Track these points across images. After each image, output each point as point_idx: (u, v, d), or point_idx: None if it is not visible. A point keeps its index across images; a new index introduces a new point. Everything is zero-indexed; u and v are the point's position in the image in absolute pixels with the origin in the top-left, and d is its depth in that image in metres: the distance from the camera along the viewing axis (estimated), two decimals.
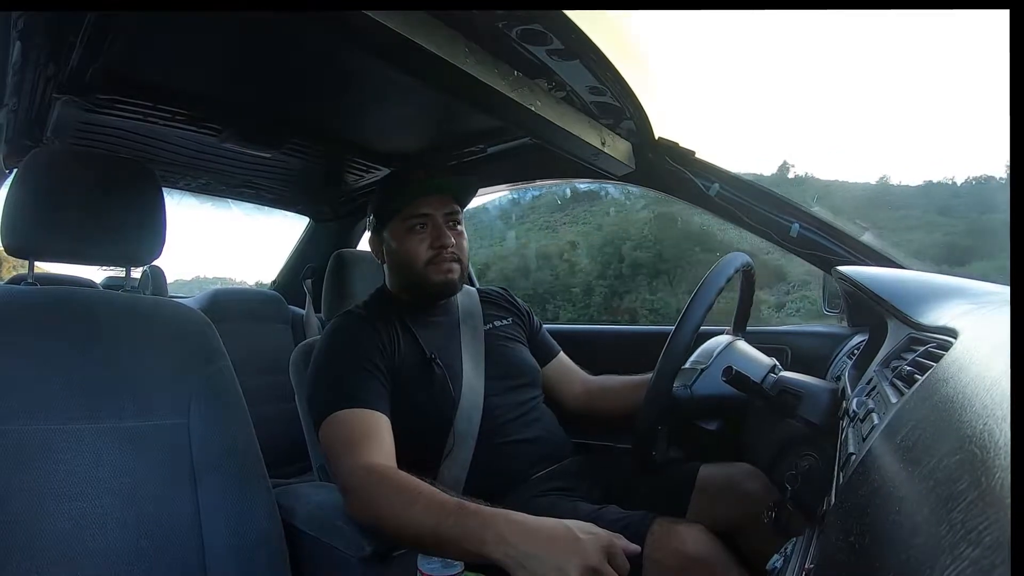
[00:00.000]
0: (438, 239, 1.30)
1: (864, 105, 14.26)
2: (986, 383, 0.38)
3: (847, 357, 1.30)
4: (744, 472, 1.21)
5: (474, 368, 1.33)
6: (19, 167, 1.01)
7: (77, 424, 0.90)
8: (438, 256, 1.30)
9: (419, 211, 1.30)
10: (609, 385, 1.51)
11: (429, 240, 1.30)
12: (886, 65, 16.11)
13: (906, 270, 1.44)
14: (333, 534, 1.00)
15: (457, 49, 1.02)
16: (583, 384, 1.55)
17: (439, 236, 1.30)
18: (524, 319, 1.55)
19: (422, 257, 1.30)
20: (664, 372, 1.02)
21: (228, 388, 1.03)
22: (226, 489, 0.98)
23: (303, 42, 1.21)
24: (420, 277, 1.31)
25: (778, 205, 1.55)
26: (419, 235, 1.30)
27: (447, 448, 1.25)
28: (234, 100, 1.52)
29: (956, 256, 4.99)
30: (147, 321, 1.01)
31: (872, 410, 0.62)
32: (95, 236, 1.05)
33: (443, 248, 1.30)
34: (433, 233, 1.30)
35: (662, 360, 1.02)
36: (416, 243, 1.30)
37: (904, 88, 15.37)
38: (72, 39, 1.09)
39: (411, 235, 1.30)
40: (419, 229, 1.30)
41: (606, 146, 1.47)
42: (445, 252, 1.30)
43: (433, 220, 1.31)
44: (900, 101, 15.33)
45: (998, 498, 0.24)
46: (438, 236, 1.30)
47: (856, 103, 14.88)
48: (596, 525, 1.07)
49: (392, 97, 1.50)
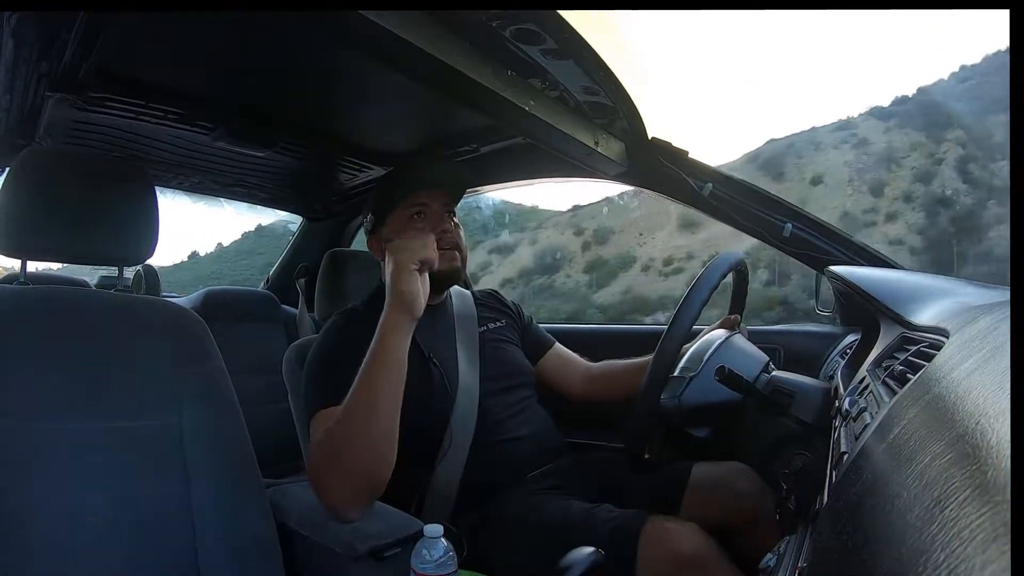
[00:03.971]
0: (438, 225, 1.30)
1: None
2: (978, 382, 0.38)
3: (840, 356, 1.30)
4: (737, 471, 1.21)
5: (470, 369, 1.34)
6: (11, 166, 1.00)
7: (69, 424, 0.90)
8: (439, 242, 1.28)
9: (418, 200, 1.31)
10: (612, 370, 1.51)
11: (429, 228, 1.29)
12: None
13: (899, 270, 1.45)
14: (326, 534, 0.99)
15: (451, 48, 1.02)
16: (585, 371, 1.55)
17: (439, 222, 1.30)
18: (515, 319, 1.56)
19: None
20: (654, 378, 1.02)
21: (221, 388, 1.03)
22: (219, 488, 0.97)
23: (296, 41, 1.21)
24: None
25: (771, 205, 1.56)
26: (418, 224, 1.30)
27: (443, 448, 1.25)
28: (227, 99, 1.51)
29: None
30: (140, 321, 1.01)
31: (864, 409, 0.63)
32: (87, 235, 1.04)
33: (444, 233, 1.30)
34: (433, 220, 1.30)
35: (652, 365, 1.02)
36: (416, 232, 1.29)
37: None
38: (65, 37, 1.08)
39: (411, 224, 1.31)
40: (418, 218, 1.31)
41: (599, 146, 1.48)
42: (446, 237, 1.30)
43: (431, 209, 1.31)
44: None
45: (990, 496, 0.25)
46: (438, 222, 1.30)
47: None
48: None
49: (385, 96, 1.50)
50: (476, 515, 1.21)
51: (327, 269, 1.82)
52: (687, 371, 1.10)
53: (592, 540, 0.91)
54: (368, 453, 1.01)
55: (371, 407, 1.03)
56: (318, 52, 1.25)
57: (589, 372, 1.55)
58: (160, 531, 0.92)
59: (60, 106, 1.35)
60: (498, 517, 1.19)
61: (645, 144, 1.58)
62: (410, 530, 1.01)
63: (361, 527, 0.99)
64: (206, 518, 0.95)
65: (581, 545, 0.86)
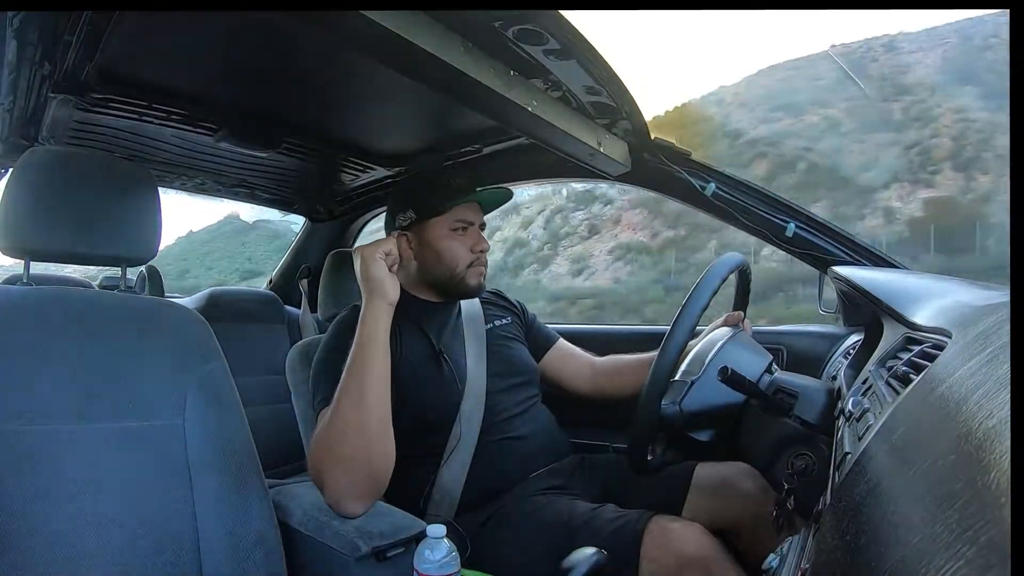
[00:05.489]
0: (478, 245, 1.35)
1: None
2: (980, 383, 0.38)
3: (843, 357, 1.30)
4: (740, 471, 1.21)
5: (477, 365, 1.35)
6: (14, 167, 1.01)
7: (72, 424, 0.90)
8: (477, 261, 1.35)
9: (465, 217, 1.34)
10: (618, 365, 1.51)
11: (470, 244, 1.34)
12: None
13: (902, 270, 1.44)
14: (329, 534, 1.00)
15: (453, 48, 1.02)
16: (591, 366, 1.55)
17: (479, 242, 1.36)
18: (520, 316, 1.56)
19: (465, 260, 1.34)
20: (654, 385, 1.01)
21: (224, 388, 1.03)
22: (222, 489, 0.97)
23: (299, 41, 1.20)
24: (458, 277, 1.35)
25: (774, 205, 1.56)
26: (460, 238, 1.34)
27: (450, 445, 1.26)
28: (230, 100, 1.51)
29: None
30: (143, 321, 1.01)
31: (868, 410, 0.63)
32: (91, 236, 1.05)
33: (482, 253, 1.36)
34: (473, 238, 1.35)
35: (653, 370, 1.02)
36: (459, 245, 1.34)
37: None
38: (68, 38, 1.09)
39: (453, 236, 1.34)
40: (461, 233, 1.34)
41: (602, 146, 1.47)
42: (482, 257, 1.36)
43: (473, 227, 1.36)
44: None
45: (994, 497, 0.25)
46: (478, 242, 1.35)
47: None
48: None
49: (388, 97, 1.50)
50: (480, 515, 1.21)
51: (330, 270, 1.82)
52: (689, 375, 1.09)
53: (595, 540, 0.92)
54: (361, 440, 1.02)
55: (360, 394, 1.05)
56: (321, 53, 1.25)
57: (595, 367, 1.55)
58: (163, 531, 0.92)
59: (63, 107, 1.35)
60: (501, 517, 1.20)
61: (648, 144, 1.58)
62: (413, 530, 1.01)
63: (364, 527, 0.99)
64: (209, 518, 0.95)
65: (584, 545, 0.86)
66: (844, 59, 23.48)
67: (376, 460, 1.03)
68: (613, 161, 1.54)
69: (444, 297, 1.39)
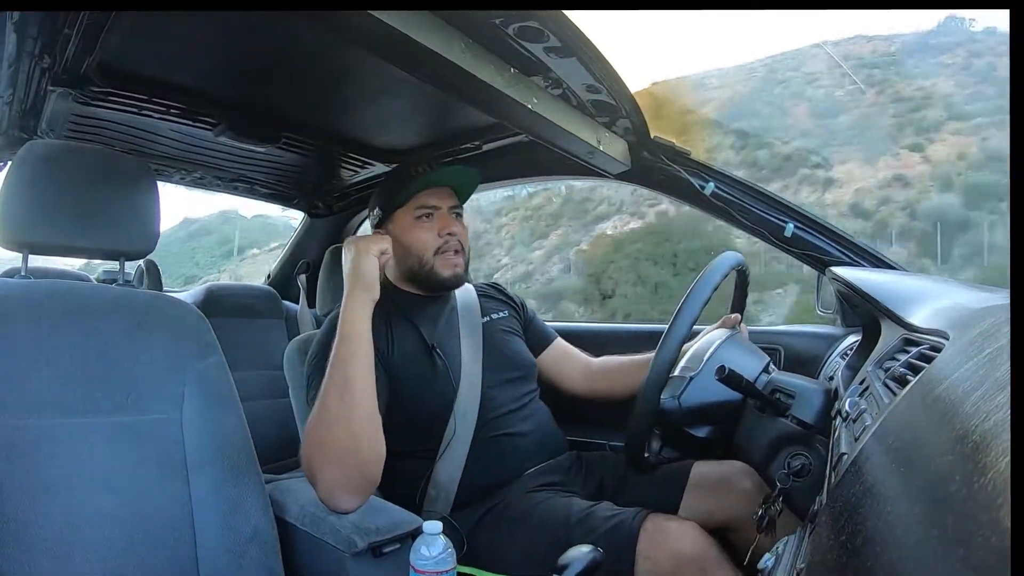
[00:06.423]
0: (445, 227, 1.31)
1: None
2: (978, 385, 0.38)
3: (840, 357, 1.30)
4: (737, 470, 1.21)
5: (473, 359, 1.34)
6: (13, 160, 1.00)
7: (70, 418, 0.90)
8: (445, 245, 1.32)
9: (426, 202, 1.32)
10: (614, 366, 1.51)
11: (436, 229, 1.31)
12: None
13: (900, 272, 1.44)
14: (325, 530, 1.00)
15: (453, 45, 1.02)
16: (586, 366, 1.55)
17: (446, 225, 1.32)
18: (518, 311, 1.56)
19: (431, 246, 1.31)
20: (654, 378, 1.01)
21: (221, 383, 1.03)
22: (219, 484, 0.98)
23: (299, 37, 1.20)
24: (428, 267, 1.32)
25: (773, 205, 1.56)
26: (426, 224, 1.32)
27: (445, 440, 1.25)
28: (230, 94, 1.51)
29: None
30: (141, 315, 1.01)
31: (865, 410, 0.63)
32: (89, 230, 1.04)
33: (450, 236, 1.32)
34: (440, 222, 1.32)
35: (652, 365, 1.02)
36: (423, 231, 1.31)
37: None
38: (68, 31, 1.08)
39: (418, 224, 1.32)
40: (425, 219, 1.32)
41: (602, 144, 1.47)
42: (452, 240, 1.32)
43: (439, 211, 1.33)
44: None
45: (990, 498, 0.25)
46: (445, 225, 1.32)
47: None
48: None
49: (388, 93, 1.50)
50: (476, 511, 1.21)
51: (328, 265, 1.81)
52: (687, 371, 1.09)
53: (591, 538, 0.92)
54: (347, 432, 1.02)
55: (345, 386, 1.04)
56: (321, 48, 1.24)
57: (591, 367, 1.54)
58: (159, 525, 0.92)
59: (62, 100, 1.34)
60: (498, 514, 1.20)
61: (647, 143, 1.58)
62: (409, 526, 1.01)
63: (360, 523, 0.99)
64: (205, 513, 0.96)
65: (580, 543, 0.86)
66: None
67: (365, 453, 1.03)
68: (613, 159, 1.54)
69: (426, 290, 1.38)
